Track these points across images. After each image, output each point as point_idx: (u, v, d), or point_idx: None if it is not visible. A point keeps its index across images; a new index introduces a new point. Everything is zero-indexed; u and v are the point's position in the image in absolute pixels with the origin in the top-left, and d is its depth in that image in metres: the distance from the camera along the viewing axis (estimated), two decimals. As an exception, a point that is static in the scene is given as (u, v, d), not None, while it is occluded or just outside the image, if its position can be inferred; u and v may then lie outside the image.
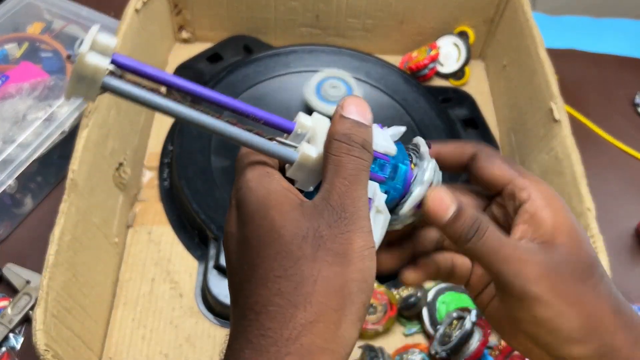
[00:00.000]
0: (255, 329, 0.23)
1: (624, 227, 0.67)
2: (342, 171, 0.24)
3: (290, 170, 0.27)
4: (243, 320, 0.23)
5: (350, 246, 0.23)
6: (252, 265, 0.24)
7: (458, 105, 0.71)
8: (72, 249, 0.49)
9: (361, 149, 0.25)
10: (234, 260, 0.25)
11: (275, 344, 0.22)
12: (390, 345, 0.54)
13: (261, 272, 0.23)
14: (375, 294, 0.54)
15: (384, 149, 0.28)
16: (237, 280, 0.25)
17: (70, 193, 0.49)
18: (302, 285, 0.22)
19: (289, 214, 0.23)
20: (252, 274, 0.23)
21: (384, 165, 0.28)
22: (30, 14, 0.73)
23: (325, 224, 0.23)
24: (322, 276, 0.23)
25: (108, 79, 0.23)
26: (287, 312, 0.22)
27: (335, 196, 0.24)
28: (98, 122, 0.54)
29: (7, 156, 0.58)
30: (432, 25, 0.77)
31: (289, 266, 0.23)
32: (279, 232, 0.23)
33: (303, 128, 0.27)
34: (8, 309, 0.55)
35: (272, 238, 0.23)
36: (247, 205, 0.25)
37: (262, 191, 0.24)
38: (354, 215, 0.24)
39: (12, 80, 0.65)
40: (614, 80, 0.82)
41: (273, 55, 0.71)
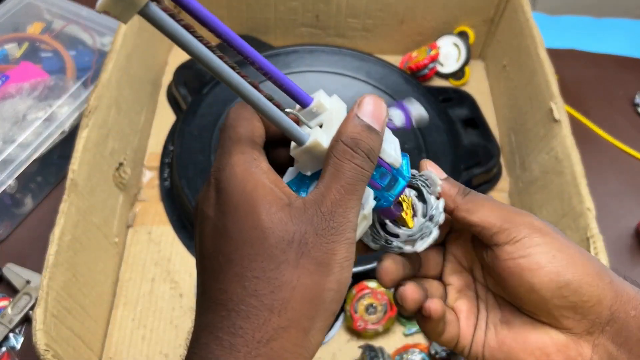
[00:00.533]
0: (225, 327, 0.22)
1: (624, 227, 0.67)
2: (340, 178, 0.24)
3: (296, 151, 0.26)
4: (212, 314, 0.23)
5: (333, 256, 0.23)
6: (228, 258, 0.23)
7: (458, 105, 0.71)
8: (72, 248, 0.49)
9: (365, 158, 0.24)
10: (207, 244, 0.24)
11: (246, 344, 0.22)
12: (391, 345, 0.54)
13: (238, 268, 0.23)
14: (375, 294, 0.54)
15: (390, 160, 0.27)
16: (209, 267, 0.24)
17: (70, 193, 0.49)
18: (280, 290, 0.22)
19: (276, 214, 0.23)
20: (227, 268, 0.23)
21: (385, 175, 0.28)
22: (30, 14, 0.73)
23: (313, 231, 0.23)
24: (301, 283, 0.23)
25: (149, 5, 0.20)
26: (261, 315, 0.22)
27: (328, 203, 0.23)
28: (98, 122, 0.54)
29: (7, 156, 0.58)
30: (432, 25, 0.77)
31: (269, 269, 0.22)
32: (263, 233, 0.22)
33: (320, 108, 0.26)
34: (8, 309, 0.55)
35: (256, 237, 0.23)
36: (230, 193, 0.24)
37: (249, 183, 0.23)
38: (342, 225, 0.23)
39: (12, 80, 0.65)
40: (613, 80, 0.82)
41: (273, 55, 0.71)
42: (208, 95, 0.67)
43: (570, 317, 0.27)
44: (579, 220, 0.52)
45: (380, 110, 0.25)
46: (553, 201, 0.57)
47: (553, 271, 0.27)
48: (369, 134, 0.24)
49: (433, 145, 0.65)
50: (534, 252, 0.27)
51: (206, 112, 0.66)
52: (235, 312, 0.22)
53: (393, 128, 0.30)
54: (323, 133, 0.25)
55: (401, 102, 0.28)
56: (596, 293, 0.27)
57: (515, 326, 0.29)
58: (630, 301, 0.27)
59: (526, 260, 0.27)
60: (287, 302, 0.22)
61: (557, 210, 0.56)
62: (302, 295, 0.23)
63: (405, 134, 0.66)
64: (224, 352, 0.22)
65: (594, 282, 0.27)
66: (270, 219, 0.23)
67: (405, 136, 0.66)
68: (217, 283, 0.23)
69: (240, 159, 0.24)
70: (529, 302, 0.28)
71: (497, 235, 0.28)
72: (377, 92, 0.70)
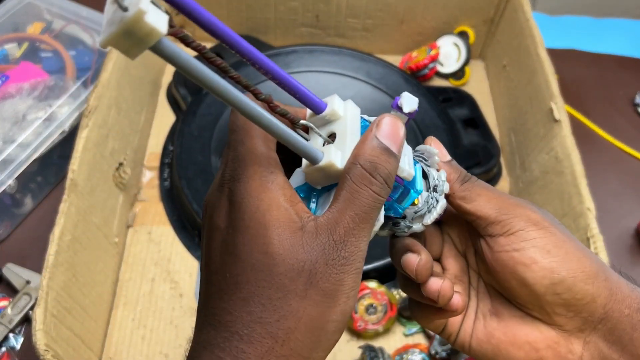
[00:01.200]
0: (228, 348, 0.22)
1: (624, 227, 0.67)
2: (356, 205, 0.23)
3: (308, 169, 0.25)
4: (214, 332, 0.23)
5: (341, 287, 0.23)
6: (235, 279, 0.23)
7: (458, 105, 0.71)
8: (72, 249, 0.49)
9: (383, 184, 0.24)
10: (215, 258, 0.24)
11: None
12: (391, 345, 0.54)
13: (244, 293, 0.22)
14: (375, 294, 0.54)
15: (404, 174, 0.27)
16: (215, 283, 0.24)
17: (70, 193, 0.49)
18: (286, 320, 0.22)
19: (288, 240, 0.22)
20: (234, 289, 0.23)
21: (397, 188, 0.27)
22: (30, 14, 0.73)
23: (323, 261, 0.22)
24: (307, 314, 0.22)
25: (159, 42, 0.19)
26: (265, 342, 0.22)
27: (341, 230, 0.23)
28: (98, 122, 0.54)
29: (7, 156, 0.58)
30: (432, 25, 0.77)
31: (276, 297, 0.22)
32: (274, 259, 0.22)
33: (333, 116, 0.25)
34: (8, 309, 0.55)
35: (265, 263, 0.22)
36: (243, 210, 0.23)
37: (263, 202, 0.23)
38: (353, 255, 0.23)
39: (12, 80, 0.65)
40: (614, 80, 0.82)
41: (273, 55, 0.71)
42: (208, 95, 0.67)
43: (563, 314, 0.27)
44: (579, 220, 0.52)
45: (399, 132, 0.25)
46: (553, 201, 0.57)
47: (547, 267, 0.26)
48: (387, 158, 0.24)
49: (433, 145, 0.65)
50: (528, 246, 0.27)
51: (206, 112, 0.66)
52: (238, 335, 0.22)
53: None
54: (337, 150, 0.25)
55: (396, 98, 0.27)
56: (590, 291, 0.26)
57: (504, 318, 0.29)
58: (624, 300, 0.27)
59: (520, 254, 0.27)
60: (292, 332, 0.22)
61: (557, 210, 0.56)
62: (306, 325, 0.22)
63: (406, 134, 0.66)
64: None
65: (588, 280, 0.26)
66: (282, 244, 0.22)
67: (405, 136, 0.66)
68: (222, 302, 0.23)
69: (257, 172, 0.23)
70: (520, 296, 0.28)
71: (491, 226, 0.28)
72: (376, 92, 0.70)
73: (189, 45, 0.20)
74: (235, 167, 0.24)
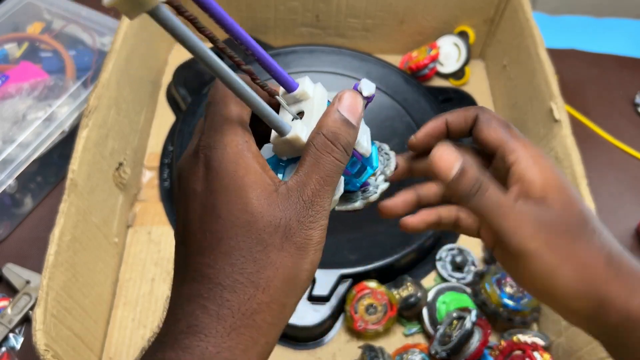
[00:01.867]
0: (212, 297, 0.24)
1: (624, 227, 0.67)
2: (320, 169, 0.26)
3: (277, 140, 0.28)
4: (197, 285, 0.25)
5: (310, 241, 0.26)
6: (217, 236, 0.25)
7: (458, 105, 0.71)
8: (72, 249, 0.49)
9: (343, 152, 0.27)
10: (194, 220, 0.26)
11: (232, 315, 0.24)
12: (391, 346, 0.54)
13: (226, 247, 0.24)
14: (375, 294, 0.54)
15: (362, 150, 0.29)
16: (195, 242, 0.25)
17: (70, 193, 0.49)
18: (265, 270, 0.25)
19: (265, 200, 0.25)
20: (216, 245, 0.25)
21: (355, 163, 0.30)
22: (30, 14, 0.73)
23: (296, 218, 0.25)
24: (284, 264, 0.25)
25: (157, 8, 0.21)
26: (247, 290, 0.24)
27: (308, 192, 0.26)
28: (98, 122, 0.54)
29: (7, 156, 0.58)
30: (432, 25, 0.77)
31: (256, 250, 0.25)
32: (254, 216, 0.25)
33: (303, 96, 0.28)
34: (8, 309, 0.55)
35: (246, 220, 0.24)
36: (222, 175, 0.25)
37: (240, 167, 0.25)
38: (319, 213, 0.26)
39: (12, 80, 0.65)
40: (614, 80, 0.82)
41: (273, 55, 0.71)
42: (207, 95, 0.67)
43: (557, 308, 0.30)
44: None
45: (358, 105, 0.28)
46: (553, 201, 0.57)
47: None
48: (347, 129, 0.27)
49: (433, 145, 0.65)
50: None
51: (206, 112, 0.66)
52: (222, 286, 0.24)
53: None
54: (303, 126, 0.27)
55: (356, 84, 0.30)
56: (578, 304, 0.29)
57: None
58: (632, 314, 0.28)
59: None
60: (271, 280, 0.25)
61: (557, 210, 0.56)
62: (283, 275, 0.25)
63: (406, 135, 0.66)
64: (211, 320, 0.24)
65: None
66: (260, 204, 0.25)
67: (405, 136, 0.66)
68: (204, 258, 0.25)
69: (233, 140, 0.26)
70: None
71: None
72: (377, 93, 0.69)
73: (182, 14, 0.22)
74: (212, 135, 0.26)
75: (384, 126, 0.67)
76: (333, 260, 0.55)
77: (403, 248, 0.56)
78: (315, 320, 0.52)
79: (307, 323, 0.52)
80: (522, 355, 0.50)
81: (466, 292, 0.57)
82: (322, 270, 0.54)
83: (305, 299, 0.53)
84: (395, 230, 0.58)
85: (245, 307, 0.24)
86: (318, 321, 0.52)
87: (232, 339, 0.24)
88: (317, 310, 0.53)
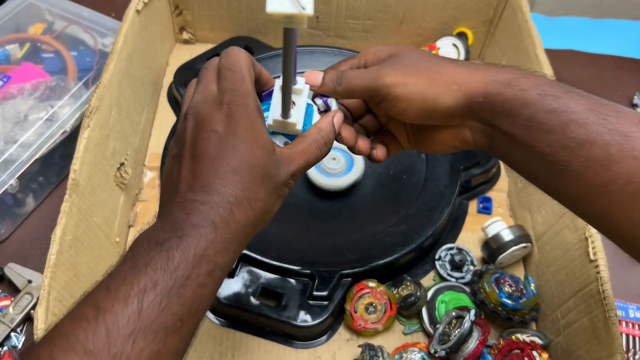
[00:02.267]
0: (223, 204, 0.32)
1: (623, 227, 0.68)
2: (310, 155, 0.36)
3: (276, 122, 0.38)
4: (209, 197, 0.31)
5: (282, 195, 0.36)
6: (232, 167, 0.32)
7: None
8: (74, 248, 0.49)
9: (327, 146, 0.38)
10: (213, 149, 0.32)
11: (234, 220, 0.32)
12: (390, 344, 0.54)
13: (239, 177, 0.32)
14: (375, 293, 0.54)
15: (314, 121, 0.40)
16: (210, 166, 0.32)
17: (71, 193, 0.49)
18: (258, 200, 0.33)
19: (268, 156, 0.34)
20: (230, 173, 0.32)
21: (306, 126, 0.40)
22: (31, 15, 0.73)
23: (282, 179, 0.35)
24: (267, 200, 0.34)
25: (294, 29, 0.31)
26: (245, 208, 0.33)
27: (294, 166, 0.35)
28: (99, 122, 0.55)
29: (8, 156, 0.59)
30: (431, 26, 0.77)
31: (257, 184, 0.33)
32: (260, 163, 0.33)
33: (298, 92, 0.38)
34: (10, 308, 0.55)
35: (255, 164, 0.33)
36: (242, 126, 0.33)
37: (257, 126, 0.33)
38: (289, 186, 0.36)
39: (13, 80, 0.66)
40: (612, 80, 0.82)
41: (273, 56, 0.71)
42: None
43: (442, 121, 0.38)
44: (578, 220, 0.52)
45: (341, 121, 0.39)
46: (552, 201, 0.57)
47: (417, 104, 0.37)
48: (333, 135, 0.39)
49: (432, 146, 0.65)
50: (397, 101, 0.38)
51: (207, 113, 0.66)
52: (231, 200, 0.32)
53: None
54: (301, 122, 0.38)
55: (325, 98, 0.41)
56: (447, 103, 0.37)
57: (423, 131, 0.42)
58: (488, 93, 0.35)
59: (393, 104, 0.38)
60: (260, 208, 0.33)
61: (556, 210, 0.56)
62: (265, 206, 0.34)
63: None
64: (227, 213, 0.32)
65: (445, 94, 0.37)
66: (265, 158, 0.33)
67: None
68: (217, 179, 0.32)
69: (251, 105, 0.33)
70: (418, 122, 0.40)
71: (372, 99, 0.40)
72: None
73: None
74: (235, 96, 0.33)
75: (384, 127, 0.67)
76: (333, 260, 0.56)
77: (402, 248, 0.57)
78: (316, 320, 0.52)
79: (307, 322, 0.52)
80: (521, 355, 0.51)
81: (465, 292, 0.57)
82: (322, 269, 0.54)
83: (306, 298, 0.53)
84: (395, 230, 0.59)
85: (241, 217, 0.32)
86: (318, 320, 0.53)
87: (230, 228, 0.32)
88: (317, 310, 0.53)
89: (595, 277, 0.48)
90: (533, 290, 0.56)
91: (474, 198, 0.67)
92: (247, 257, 0.55)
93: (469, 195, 0.66)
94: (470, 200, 0.66)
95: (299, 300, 0.53)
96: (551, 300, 0.55)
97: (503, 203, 0.67)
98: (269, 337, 0.55)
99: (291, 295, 0.54)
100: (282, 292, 0.54)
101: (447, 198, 0.61)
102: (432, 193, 0.62)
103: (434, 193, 0.61)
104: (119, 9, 0.77)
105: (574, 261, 0.52)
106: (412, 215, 0.60)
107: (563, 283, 0.53)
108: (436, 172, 0.63)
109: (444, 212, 0.60)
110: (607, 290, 0.47)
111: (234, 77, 0.34)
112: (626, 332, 0.58)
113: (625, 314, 0.59)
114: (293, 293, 0.54)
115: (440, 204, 0.60)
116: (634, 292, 0.62)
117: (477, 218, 0.65)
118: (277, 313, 0.52)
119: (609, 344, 0.45)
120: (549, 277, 0.56)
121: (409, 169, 0.64)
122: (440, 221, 0.59)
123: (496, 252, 0.58)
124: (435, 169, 0.63)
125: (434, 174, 0.63)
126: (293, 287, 0.54)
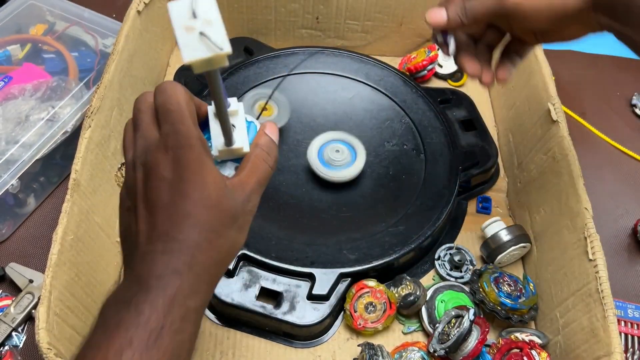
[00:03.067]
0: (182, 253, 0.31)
1: (621, 227, 0.68)
2: (257, 173, 0.36)
3: (221, 152, 0.36)
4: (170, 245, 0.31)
5: (246, 224, 0.35)
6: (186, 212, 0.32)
7: (456, 106, 0.72)
8: (75, 248, 0.49)
9: (271, 156, 0.37)
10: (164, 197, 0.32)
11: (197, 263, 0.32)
12: (390, 343, 0.54)
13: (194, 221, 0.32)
14: (374, 292, 0.55)
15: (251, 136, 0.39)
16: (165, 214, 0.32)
17: (73, 193, 0.49)
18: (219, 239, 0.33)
19: (221, 191, 0.33)
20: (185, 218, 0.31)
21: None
22: (32, 16, 0.74)
23: (240, 208, 0.34)
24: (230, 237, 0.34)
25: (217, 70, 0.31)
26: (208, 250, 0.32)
27: (248, 189, 0.35)
28: (100, 122, 0.55)
29: (10, 156, 0.59)
30: (431, 26, 0.78)
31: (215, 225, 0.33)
32: (214, 202, 0.32)
33: (234, 113, 0.37)
34: (11, 308, 0.55)
35: (210, 204, 0.32)
36: (191, 170, 0.32)
37: (204, 166, 0.32)
38: (254, 207, 0.36)
39: (15, 81, 0.66)
40: (611, 80, 0.83)
41: (274, 57, 0.72)
42: (208, 97, 0.68)
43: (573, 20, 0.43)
44: (577, 219, 0.52)
45: (277, 131, 0.39)
46: (551, 201, 0.58)
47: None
48: (274, 144, 0.38)
49: (431, 146, 0.65)
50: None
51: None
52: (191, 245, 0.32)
53: None
54: (245, 143, 0.37)
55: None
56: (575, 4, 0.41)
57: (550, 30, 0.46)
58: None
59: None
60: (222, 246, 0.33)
61: (555, 210, 0.57)
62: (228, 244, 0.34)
63: (405, 135, 0.66)
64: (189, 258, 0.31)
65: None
66: (218, 195, 0.33)
67: (404, 137, 0.66)
68: (173, 227, 0.31)
69: (197, 145, 0.32)
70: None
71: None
72: (375, 93, 0.70)
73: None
74: (178, 138, 0.32)
75: (384, 127, 0.68)
76: (333, 260, 0.56)
77: (402, 247, 0.57)
78: (315, 319, 0.53)
79: (307, 322, 0.53)
80: (520, 354, 0.51)
81: (464, 291, 0.58)
82: (322, 269, 0.55)
83: (306, 297, 0.54)
84: (394, 230, 0.59)
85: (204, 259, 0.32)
86: (318, 320, 0.53)
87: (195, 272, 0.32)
88: (317, 309, 0.53)
89: (593, 276, 0.48)
90: (532, 289, 0.56)
91: (473, 198, 0.67)
92: (247, 256, 0.55)
93: (468, 195, 0.67)
94: (469, 200, 0.67)
95: (298, 300, 0.54)
96: (550, 299, 0.55)
97: (502, 203, 0.67)
98: (269, 336, 0.55)
99: (291, 294, 0.54)
100: (282, 291, 0.54)
101: (446, 198, 0.61)
102: (432, 193, 0.62)
103: (433, 193, 0.62)
104: (119, 9, 0.77)
105: (572, 261, 0.52)
106: (412, 215, 0.60)
107: (562, 282, 0.53)
108: (435, 172, 0.63)
109: (443, 212, 0.60)
110: (606, 289, 0.47)
111: (173, 118, 0.33)
112: (625, 331, 0.58)
113: (624, 314, 0.59)
114: (293, 293, 0.54)
115: (439, 204, 0.61)
116: (633, 291, 0.63)
117: (476, 218, 0.65)
118: (277, 313, 0.53)
119: (608, 344, 0.45)
120: (547, 276, 0.56)
121: (408, 169, 0.65)
122: (440, 221, 0.59)
123: (495, 252, 0.59)
124: (435, 169, 0.64)
125: (433, 174, 0.63)
126: (293, 287, 0.54)
